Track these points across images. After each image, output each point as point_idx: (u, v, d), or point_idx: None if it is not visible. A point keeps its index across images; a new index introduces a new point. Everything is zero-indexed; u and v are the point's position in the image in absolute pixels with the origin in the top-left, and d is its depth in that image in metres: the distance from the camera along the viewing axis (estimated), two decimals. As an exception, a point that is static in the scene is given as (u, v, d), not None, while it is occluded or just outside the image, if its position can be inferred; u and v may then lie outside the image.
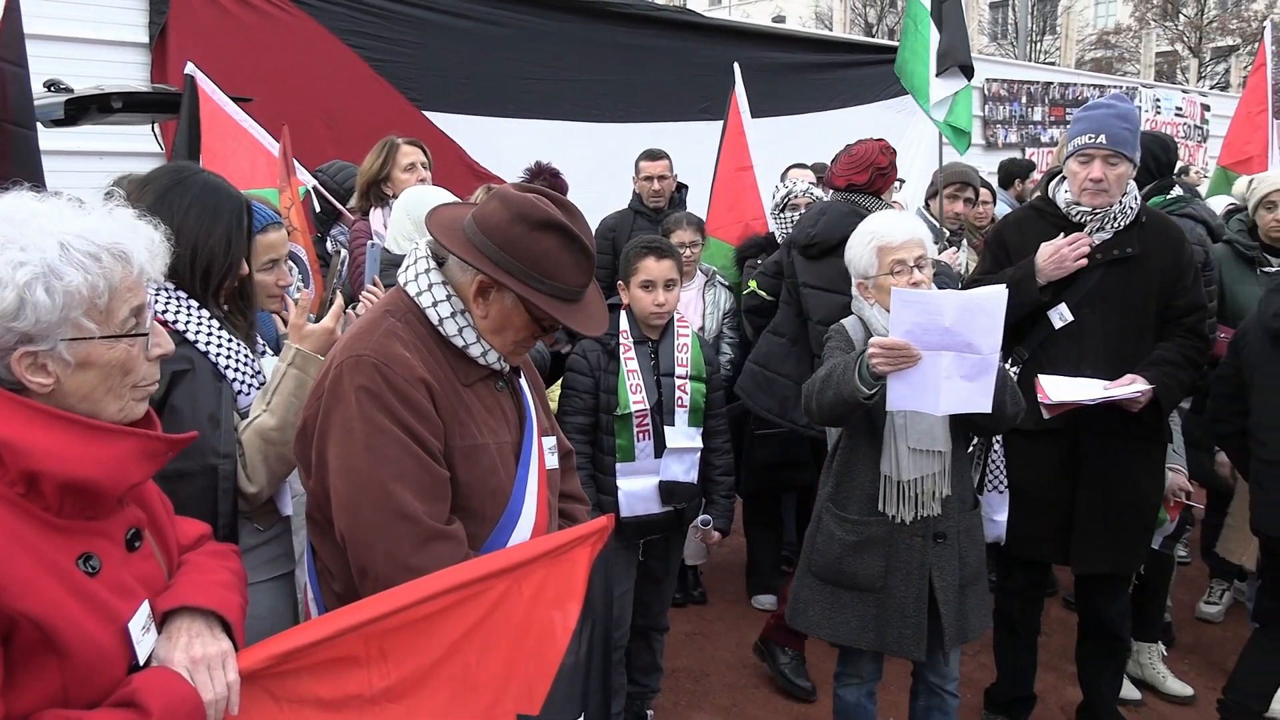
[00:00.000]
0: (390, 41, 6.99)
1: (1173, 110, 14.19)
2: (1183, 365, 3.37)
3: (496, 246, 1.95)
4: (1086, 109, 3.43)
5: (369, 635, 1.60)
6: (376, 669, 1.60)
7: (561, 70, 7.82)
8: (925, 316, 2.63)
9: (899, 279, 2.89)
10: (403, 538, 1.85)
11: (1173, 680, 4.20)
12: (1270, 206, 4.33)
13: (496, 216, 1.97)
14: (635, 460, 3.41)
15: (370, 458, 1.86)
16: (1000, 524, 3.53)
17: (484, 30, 7.39)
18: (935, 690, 3.16)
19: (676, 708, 4.05)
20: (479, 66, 7.37)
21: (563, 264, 1.97)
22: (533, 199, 1.97)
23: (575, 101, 7.90)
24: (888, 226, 2.96)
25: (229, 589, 1.64)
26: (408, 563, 1.83)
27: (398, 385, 1.89)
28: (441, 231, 2.00)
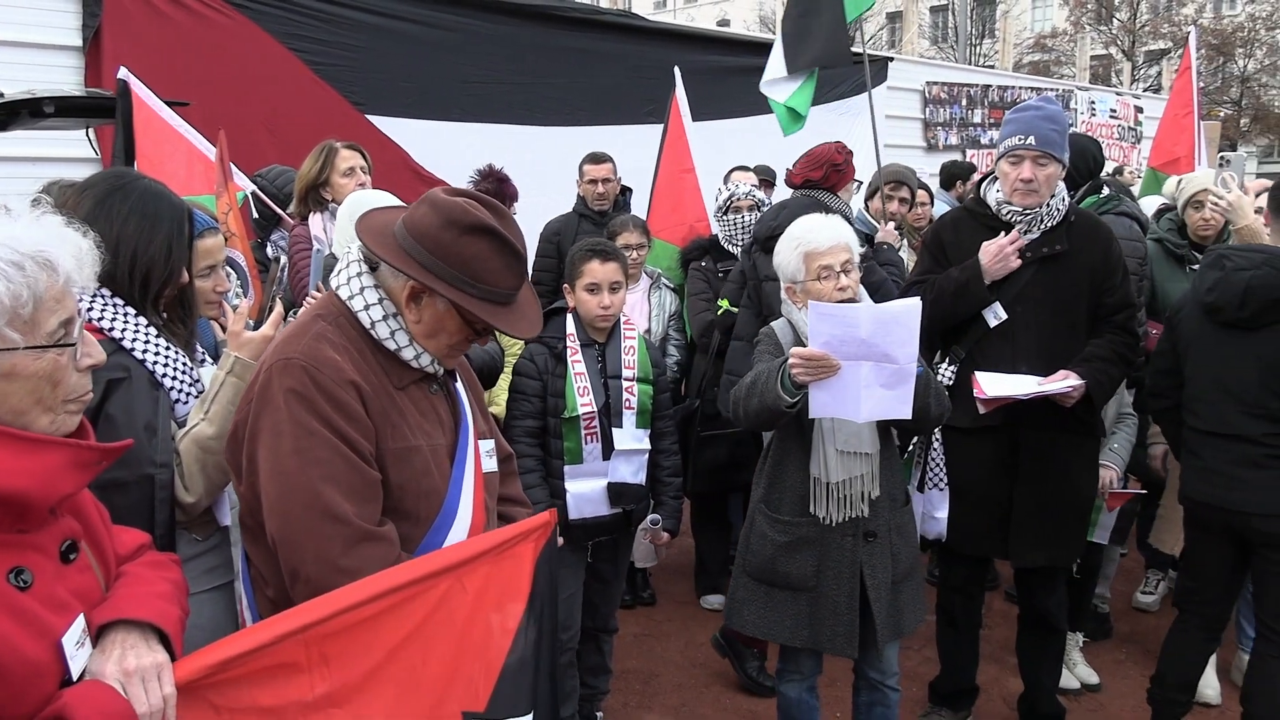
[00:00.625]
0: (331, 45, 6.92)
1: (1107, 112, 14.52)
2: (1114, 361, 3.45)
3: (427, 252, 1.94)
4: (1016, 111, 3.50)
5: (309, 640, 1.59)
6: (318, 673, 1.58)
7: (506, 74, 7.80)
8: (842, 329, 2.70)
9: (825, 284, 2.94)
10: (333, 539, 1.84)
11: (1082, 667, 4.32)
12: (1198, 206, 4.46)
13: (426, 221, 1.96)
14: (583, 463, 3.41)
15: (300, 460, 1.85)
16: (941, 520, 3.60)
17: (428, 34, 7.36)
18: (876, 685, 3.21)
19: (626, 709, 4.07)
20: (423, 70, 7.33)
21: (494, 267, 1.98)
22: (463, 203, 1.97)
23: (520, 105, 7.89)
24: (813, 232, 2.99)
25: (167, 600, 1.62)
26: (338, 564, 1.82)
27: (327, 387, 1.89)
28: (372, 238, 2.00)
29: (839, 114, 10.32)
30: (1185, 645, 3.62)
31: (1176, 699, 3.65)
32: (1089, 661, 4.37)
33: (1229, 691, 4.04)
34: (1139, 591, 5.16)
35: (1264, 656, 3.34)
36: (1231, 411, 3.28)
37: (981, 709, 4.01)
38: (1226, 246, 3.49)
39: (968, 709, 3.95)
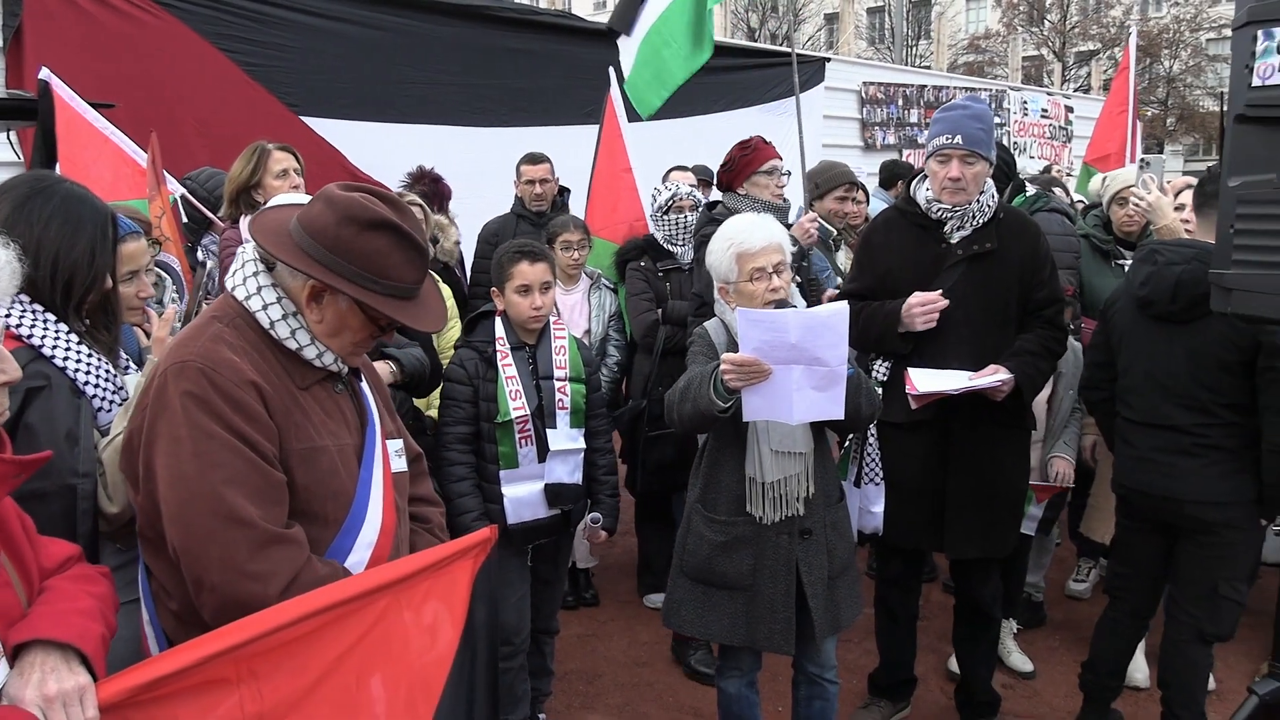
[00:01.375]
0: (264, 45, 6.80)
1: (1039, 112, 14.81)
2: (1042, 355, 3.53)
3: (326, 249, 1.92)
4: (944, 110, 3.55)
5: (239, 658, 1.55)
6: (248, 692, 1.55)
7: (443, 74, 7.73)
8: (771, 334, 2.72)
9: (758, 285, 2.96)
10: (238, 543, 1.78)
11: (1016, 655, 4.42)
12: (1122, 202, 4.58)
13: (323, 219, 1.94)
14: (519, 466, 3.41)
15: (199, 464, 1.80)
16: (877, 515, 3.65)
17: (363, 34, 7.26)
18: (815, 679, 3.24)
19: (569, 710, 4.06)
20: (358, 71, 7.24)
21: (396, 262, 1.96)
22: (359, 198, 1.95)
23: (458, 105, 7.82)
24: (746, 233, 2.99)
25: (89, 617, 1.57)
26: (245, 568, 1.78)
27: (225, 389, 1.84)
28: (266, 238, 1.96)
29: (776, 115, 10.40)
30: (1115, 631, 3.72)
31: (1107, 684, 3.75)
32: (1024, 649, 4.47)
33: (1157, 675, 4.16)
34: (1071, 580, 5.28)
35: (1178, 641, 3.44)
36: (1163, 402, 3.37)
37: (920, 699, 4.08)
38: (1158, 242, 3.57)
39: (906, 699, 4.02)
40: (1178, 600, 3.47)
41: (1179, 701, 3.44)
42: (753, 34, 33.30)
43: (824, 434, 3.15)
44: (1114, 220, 4.65)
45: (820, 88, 11.23)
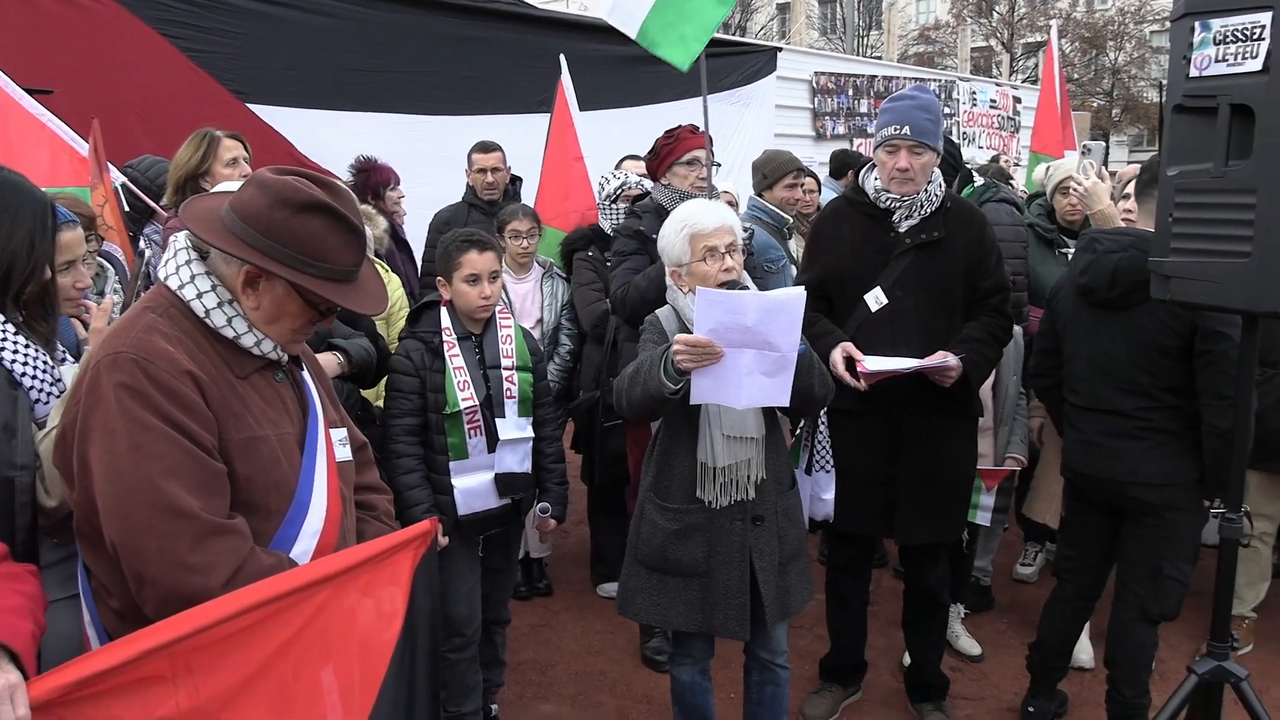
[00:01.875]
0: (209, 31, 6.69)
1: (987, 102, 15.00)
2: (988, 342, 3.57)
3: (259, 234, 1.89)
4: (892, 100, 3.57)
5: (175, 654, 1.52)
6: (183, 687, 1.52)
7: (393, 63, 7.66)
8: (729, 316, 2.72)
9: (711, 266, 2.97)
10: (178, 535, 1.75)
11: (965, 639, 4.48)
12: (1065, 191, 4.65)
13: (256, 203, 1.91)
14: (468, 457, 3.38)
15: (136, 456, 1.76)
16: (828, 502, 3.67)
17: (310, 21, 7.17)
18: (766, 664, 3.26)
19: (522, 700, 4.06)
20: (306, 58, 7.15)
21: (332, 244, 1.94)
22: (293, 181, 1.92)
23: (408, 94, 7.76)
24: (699, 214, 3.01)
25: (19, 615, 1.54)
26: (185, 561, 1.74)
27: (160, 379, 1.80)
28: (198, 224, 1.92)
29: (729, 104, 10.45)
30: (1062, 613, 3.78)
31: (1054, 664, 3.82)
32: (972, 633, 4.53)
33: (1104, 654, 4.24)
34: (1019, 564, 5.36)
35: (1124, 622, 3.51)
36: (1106, 387, 3.44)
37: (870, 683, 4.13)
38: (1098, 230, 3.63)
39: (857, 684, 4.07)
40: (1124, 581, 3.53)
41: (1124, 680, 3.52)
42: (706, 23, 33.24)
43: (776, 420, 3.16)
44: (1057, 209, 4.73)
45: (772, 77, 11.29)
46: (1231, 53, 2.54)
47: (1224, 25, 2.55)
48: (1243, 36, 2.51)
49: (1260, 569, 4.44)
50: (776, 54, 11.58)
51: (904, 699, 3.99)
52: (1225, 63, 2.56)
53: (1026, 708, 3.84)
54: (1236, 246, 2.57)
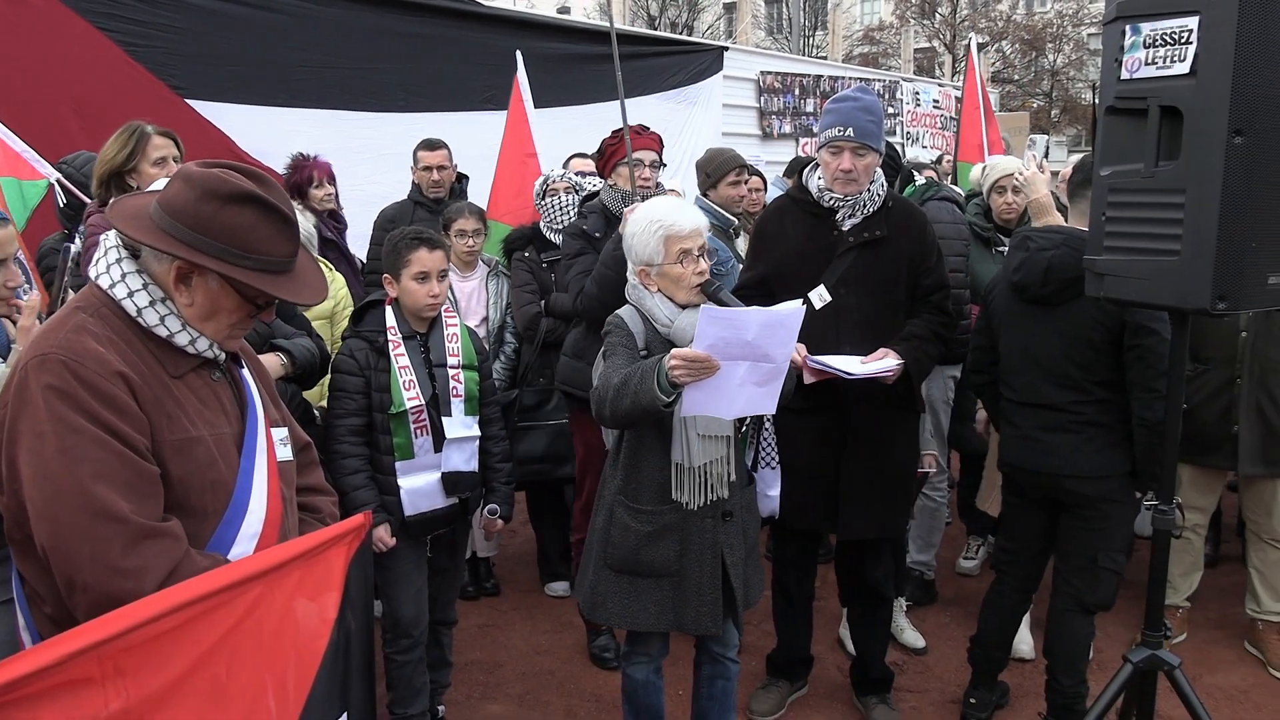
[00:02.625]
0: (148, 26, 6.53)
1: (930, 102, 15.18)
2: (930, 340, 3.63)
3: (188, 228, 1.86)
4: (835, 102, 3.61)
5: (103, 655, 1.48)
6: (113, 688, 1.48)
7: (338, 58, 7.55)
8: (730, 332, 2.70)
9: (685, 268, 2.96)
10: (110, 539, 1.72)
11: (910, 632, 4.55)
12: (1001, 191, 4.73)
13: (183, 197, 1.88)
14: (415, 457, 3.36)
15: (66, 459, 1.73)
16: (774, 498, 3.69)
17: (252, 15, 7.04)
18: (718, 658, 3.29)
19: (469, 700, 4.04)
20: (248, 53, 7.01)
21: (263, 235, 1.91)
22: (219, 173, 1.90)
23: (353, 90, 7.64)
24: (674, 215, 2.97)
25: None
26: (118, 565, 1.72)
27: (90, 381, 1.77)
28: (126, 222, 1.89)
29: (676, 102, 10.47)
30: (1002, 605, 3.85)
31: (994, 656, 3.88)
32: (916, 626, 4.60)
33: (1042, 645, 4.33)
34: (961, 557, 5.45)
35: (1062, 612, 3.58)
36: (1040, 382, 3.51)
37: (817, 677, 4.17)
38: (1031, 228, 3.71)
39: (804, 678, 4.11)
40: (1061, 573, 3.61)
41: (1062, 670, 3.59)
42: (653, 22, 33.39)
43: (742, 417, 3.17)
44: (994, 208, 4.81)
45: (719, 76, 11.31)
46: (1161, 56, 2.61)
47: (1153, 29, 2.62)
48: (1171, 40, 2.57)
49: (1193, 559, 4.56)
50: (723, 53, 11.61)
51: (850, 693, 4.04)
52: (1155, 66, 2.63)
53: (969, 699, 3.91)
54: (1166, 245, 2.64)
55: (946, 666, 4.34)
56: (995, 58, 31.65)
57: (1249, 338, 4.11)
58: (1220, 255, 2.53)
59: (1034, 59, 35.43)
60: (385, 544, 3.30)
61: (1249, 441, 4.15)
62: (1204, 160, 2.53)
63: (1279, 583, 4.38)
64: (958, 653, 4.25)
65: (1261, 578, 4.40)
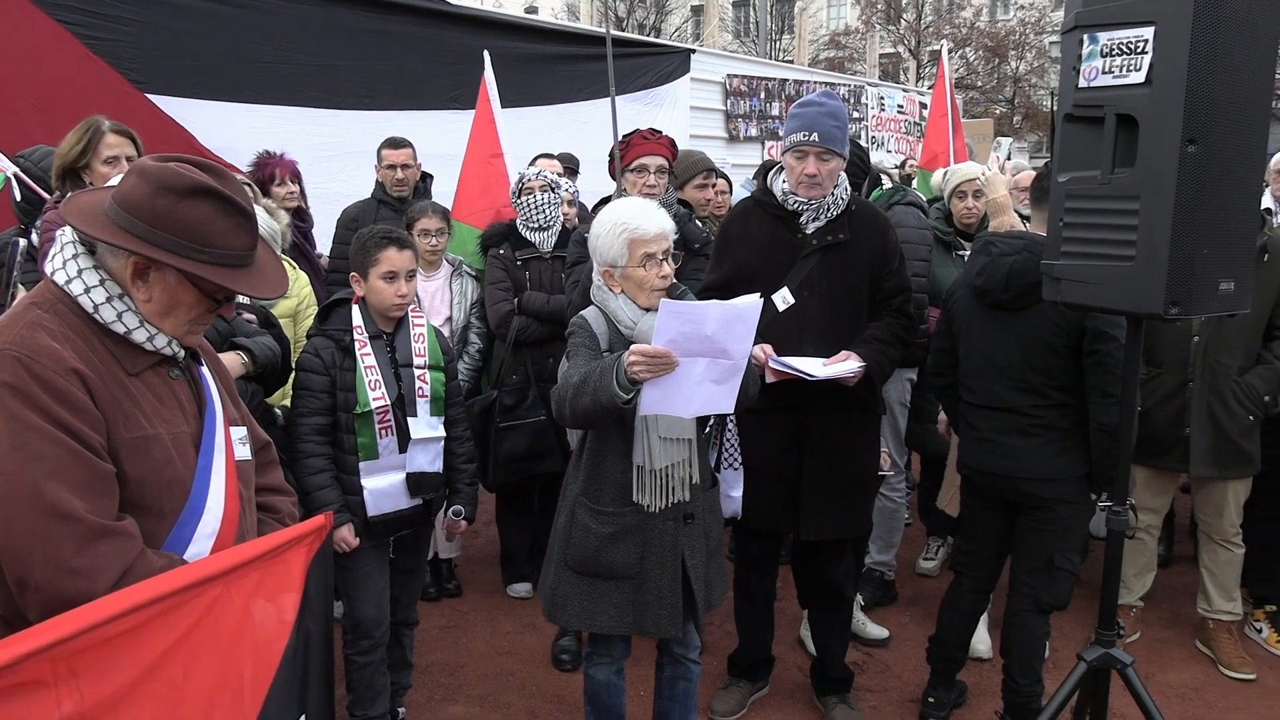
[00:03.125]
0: (108, 19, 6.44)
1: (895, 107, 15.33)
2: (891, 343, 3.66)
3: (144, 224, 1.85)
4: (800, 105, 3.62)
5: (56, 656, 1.45)
6: (66, 691, 1.46)
7: (302, 55, 7.48)
8: (689, 326, 2.70)
9: (650, 271, 2.96)
10: (63, 539, 1.70)
11: (872, 626, 4.60)
12: (962, 196, 4.79)
13: (138, 192, 1.86)
14: (379, 457, 3.34)
15: (19, 457, 1.70)
16: (736, 499, 3.72)
17: (215, 10, 6.96)
18: (680, 659, 3.30)
19: (431, 702, 4.02)
20: (211, 48, 6.93)
21: (221, 229, 1.90)
22: (174, 167, 1.88)
23: (317, 87, 7.58)
24: (639, 218, 2.96)
25: None
26: (70, 565, 1.69)
27: (45, 378, 1.74)
28: (81, 219, 1.87)
29: (644, 104, 10.50)
30: (959, 607, 3.89)
31: (953, 655, 3.93)
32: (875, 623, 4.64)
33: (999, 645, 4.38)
34: (921, 558, 5.50)
35: (1019, 612, 3.63)
36: (1000, 386, 3.55)
37: (778, 677, 4.19)
38: (993, 233, 3.74)
39: (765, 678, 4.13)
40: (1018, 574, 3.65)
41: (1018, 670, 3.64)
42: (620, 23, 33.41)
43: (704, 419, 3.17)
44: (954, 213, 4.86)
45: (686, 78, 11.35)
46: (1117, 65, 2.66)
47: (1110, 38, 2.67)
48: (1127, 49, 2.63)
49: (1146, 560, 4.64)
50: (690, 56, 11.65)
51: (811, 693, 4.07)
52: (1111, 74, 2.68)
53: (927, 698, 3.95)
54: (1121, 251, 2.69)
55: (905, 666, 4.38)
56: (959, 64, 32.00)
57: (1201, 342, 4.19)
58: (1173, 261, 2.58)
59: (997, 66, 35.84)
60: (348, 544, 3.28)
61: (1200, 444, 4.23)
62: (1158, 168, 2.59)
63: (1229, 582, 4.47)
64: (917, 652, 4.30)
65: (1212, 577, 4.48)
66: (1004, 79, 35.78)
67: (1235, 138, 2.59)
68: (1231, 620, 4.48)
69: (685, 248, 4.31)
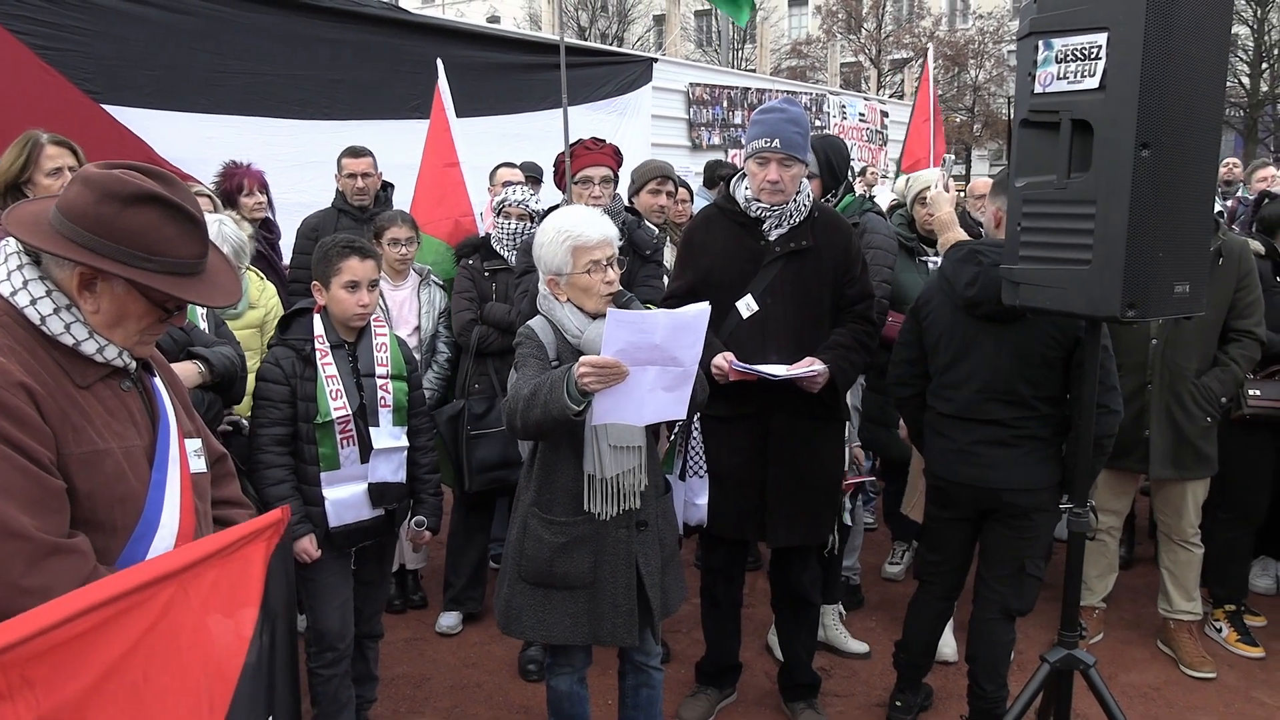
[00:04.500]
0: (60, 28, 6.34)
1: (857, 116, 15.45)
2: (855, 349, 3.66)
3: (89, 232, 1.81)
4: (762, 112, 3.62)
5: (6, 665, 1.39)
6: (23, 701, 1.40)
7: (260, 65, 7.42)
8: (638, 335, 2.70)
9: (594, 278, 2.96)
10: (11, 557, 1.65)
11: (852, 641, 4.59)
12: (924, 202, 4.82)
13: (82, 200, 1.82)
14: (340, 468, 3.31)
15: None
16: (702, 507, 3.72)
17: (171, 20, 6.88)
18: (641, 667, 3.29)
19: (397, 715, 3.98)
20: (166, 58, 6.85)
21: (168, 236, 1.86)
22: (118, 174, 1.84)
23: (276, 97, 7.52)
24: (581, 226, 2.97)
25: None
26: (20, 584, 1.65)
27: None
28: (23, 229, 1.83)
29: (606, 112, 10.52)
30: (926, 614, 3.89)
31: (919, 661, 3.94)
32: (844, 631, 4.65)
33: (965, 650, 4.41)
34: (887, 563, 5.53)
35: (986, 620, 3.63)
36: (983, 398, 3.50)
37: (745, 684, 4.19)
38: (979, 242, 3.68)
39: (732, 685, 4.13)
40: (986, 581, 3.64)
41: (985, 676, 3.63)
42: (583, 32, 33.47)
43: (656, 427, 3.17)
44: (917, 218, 4.90)
45: (648, 87, 11.39)
46: (1072, 70, 2.69)
47: (1065, 44, 2.70)
48: (1082, 55, 2.66)
49: (1108, 561, 4.69)
50: (652, 65, 11.69)
51: (778, 699, 4.07)
52: (1066, 80, 2.72)
53: (894, 702, 3.96)
54: (1078, 255, 2.72)
55: (872, 671, 4.39)
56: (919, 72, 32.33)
57: (1159, 345, 4.24)
58: (1129, 264, 2.62)
59: (956, 74, 36.28)
60: (309, 555, 3.25)
61: (1160, 446, 4.28)
62: (1113, 172, 2.62)
63: (1189, 583, 4.52)
64: (883, 657, 4.31)
65: (1173, 578, 4.54)
66: (963, 88, 36.21)
67: (1189, 142, 2.64)
68: (1192, 620, 4.54)
69: (636, 254, 4.32)
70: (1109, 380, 3.33)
